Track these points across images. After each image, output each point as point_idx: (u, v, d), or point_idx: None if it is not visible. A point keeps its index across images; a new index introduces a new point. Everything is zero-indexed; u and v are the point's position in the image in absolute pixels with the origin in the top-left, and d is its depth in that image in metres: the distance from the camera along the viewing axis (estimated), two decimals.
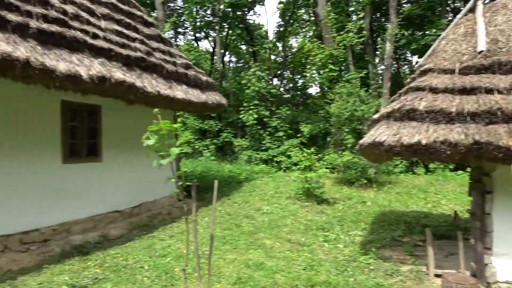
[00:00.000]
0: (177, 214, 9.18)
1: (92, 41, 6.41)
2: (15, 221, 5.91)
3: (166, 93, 7.77)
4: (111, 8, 7.76)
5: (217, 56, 25.92)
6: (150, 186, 9.04)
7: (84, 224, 7.11)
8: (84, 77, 5.72)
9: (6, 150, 5.83)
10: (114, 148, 7.98)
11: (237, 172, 13.88)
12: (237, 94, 20.80)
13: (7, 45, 4.77)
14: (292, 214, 8.91)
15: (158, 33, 9.08)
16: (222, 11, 20.87)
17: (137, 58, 7.42)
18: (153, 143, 3.04)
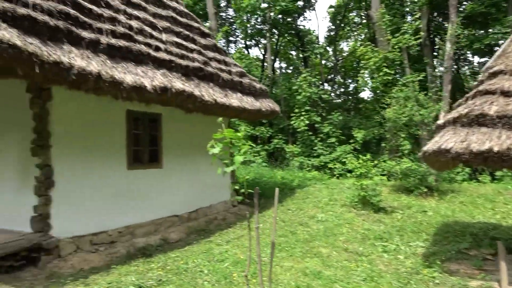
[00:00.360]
0: (232, 220, 9.32)
1: (155, 54, 6.76)
2: (86, 223, 6.34)
3: (222, 101, 7.98)
4: (171, 22, 8.14)
5: (267, 62, 26.17)
6: (206, 192, 9.30)
7: (146, 228, 7.46)
8: (148, 87, 6.04)
9: (78, 156, 6.29)
10: (173, 154, 8.31)
11: (289, 179, 13.84)
12: (288, 100, 20.82)
13: (82, 60, 5.17)
14: (348, 222, 8.71)
15: (214, 43, 9.36)
16: (273, 18, 21.06)
17: (195, 68, 7.70)
18: (218, 152, 3.12)
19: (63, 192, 5.99)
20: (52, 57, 4.69)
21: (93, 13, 5.98)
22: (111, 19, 6.32)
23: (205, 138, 9.29)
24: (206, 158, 9.17)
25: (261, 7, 19.56)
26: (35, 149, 5.80)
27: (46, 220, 5.79)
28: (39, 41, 4.72)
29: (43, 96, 5.72)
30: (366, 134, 16.66)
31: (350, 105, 26.75)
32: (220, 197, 9.90)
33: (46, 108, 5.75)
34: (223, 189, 10.09)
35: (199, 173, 9.08)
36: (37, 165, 5.80)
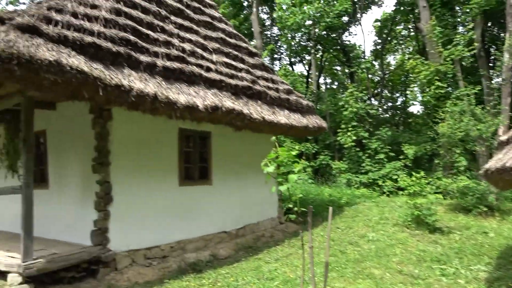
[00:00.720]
0: (279, 237, 9.26)
1: (206, 74, 7.02)
2: (140, 237, 6.59)
3: (270, 118, 8.06)
4: (220, 43, 8.42)
5: (312, 78, 26.15)
6: (253, 208, 9.35)
7: (196, 243, 7.61)
8: (200, 107, 6.25)
9: (134, 173, 6.60)
10: (222, 171, 8.47)
11: (337, 196, 13.56)
12: (334, 115, 20.59)
13: (140, 82, 5.48)
14: (401, 242, 8.33)
15: (261, 62, 9.54)
16: (318, 35, 21.11)
17: (244, 87, 7.88)
18: (273, 170, 3.15)
19: (120, 208, 6.29)
20: (114, 80, 5.02)
21: (150, 38, 6.35)
22: (166, 42, 6.67)
23: (253, 155, 9.51)
24: (254, 175, 9.32)
25: (306, 24, 19.70)
26: (96, 166, 6.16)
27: (104, 234, 6.09)
28: (102, 66, 5.08)
29: (104, 116, 6.11)
30: (417, 150, 15.99)
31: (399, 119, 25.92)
32: (267, 214, 9.90)
33: (106, 127, 6.12)
34: (270, 206, 10.09)
35: (246, 189, 9.17)
36: (97, 181, 6.15)
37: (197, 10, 8.56)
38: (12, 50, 4.04)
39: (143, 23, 6.48)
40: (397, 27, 25.78)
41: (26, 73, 4.19)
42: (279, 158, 3.18)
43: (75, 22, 5.18)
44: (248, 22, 26.89)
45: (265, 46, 24.77)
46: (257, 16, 23.54)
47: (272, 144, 10.07)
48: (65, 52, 4.66)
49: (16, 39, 4.21)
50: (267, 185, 9.70)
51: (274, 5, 24.25)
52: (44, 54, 4.31)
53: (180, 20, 7.68)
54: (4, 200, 7.46)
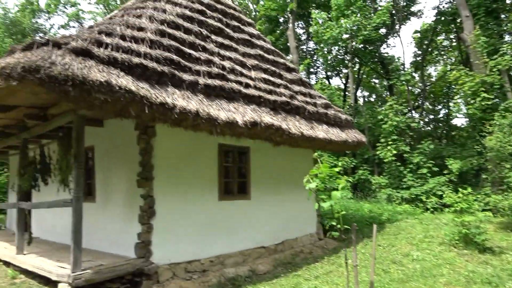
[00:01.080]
0: (318, 254, 9.10)
1: (245, 90, 7.15)
2: (181, 251, 6.71)
3: (309, 133, 8.04)
4: (259, 59, 8.57)
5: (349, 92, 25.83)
6: (291, 224, 9.27)
7: (235, 258, 7.63)
8: (240, 123, 6.36)
9: (175, 188, 6.77)
10: (260, 186, 8.50)
11: (377, 212, 13.16)
12: (373, 129, 20.16)
13: (183, 100, 5.68)
14: (448, 262, 7.92)
15: (299, 77, 9.59)
16: (355, 48, 20.93)
17: (282, 102, 7.94)
18: (315, 187, 3.14)
19: (162, 221, 6.45)
20: (159, 98, 5.24)
21: (192, 57, 6.59)
22: (207, 61, 6.88)
23: (291, 170, 9.48)
24: (292, 190, 9.29)
25: (343, 37, 19.60)
26: (140, 181, 6.39)
27: (148, 247, 6.26)
28: (148, 85, 5.32)
29: (149, 133, 6.35)
30: (463, 165, 15.26)
31: (442, 133, 24.99)
32: (305, 229, 9.79)
33: (150, 143, 6.35)
34: (309, 221, 9.98)
35: (285, 204, 9.13)
36: (141, 195, 6.37)
37: (236, 28, 8.79)
38: (67, 72, 4.33)
39: (185, 43, 6.75)
40: (438, 38, 25.06)
41: (79, 93, 4.47)
42: (321, 175, 3.16)
43: (123, 44, 5.48)
44: (284, 37, 27.17)
45: (301, 61, 24.83)
46: (293, 31, 23.76)
47: (310, 159, 10.09)
48: (115, 73, 4.93)
49: (71, 62, 4.51)
50: (306, 200, 9.63)
51: (310, 20, 24.37)
52: (95, 75, 4.58)
53: (220, 38, 7.92)
54: (56, 212, 7.90)
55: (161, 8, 7.12)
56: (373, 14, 20.43)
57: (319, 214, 10.41)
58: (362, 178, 18.90)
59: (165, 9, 7.13)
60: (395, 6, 22.94)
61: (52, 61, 4.32)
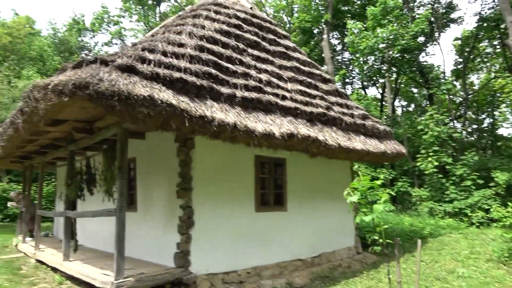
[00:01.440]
0: (357, 268, 8.87)
1: (282, 102, 7.20)
2: (218, 261, 6.77)
3: (346, 144, 7.93)
4: (294, 71, 8.61)
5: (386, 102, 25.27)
6: (329, 237, 9.12)
7: (271, 270, 7.59)
8: (277, 134, 6.40)
9: (213, 199, 6.86)
10: (297, 197, 8.45)
11: (419, 226, 12.67)
12: (412, 140, 19.56)
13: (221, 113, 5.80)
14: (497, 281, 7.48)
15: (335, 88, 9.53)
16: (392, 57, 20.52)
17: (319, 113, 7.91)
18: (357, 200, 3.10)
19: (200, 231, 6.55)
20: (198, 111, 5.39)
21: (230, 70, 6.74)
22: (244, 74, 7.01)
23: (328, 181, 9.36)
24: (329, 202, 9.16)
25: (380, 47, 19.28)
26: (180, 191, 6.55)
27: (186, 257, 6.37)
28: (188, 99, 5.49)
29: (188, 145, 6.52)
30: (511, 177, 14.43)
31: (486, 143, 23.81)
32: (343, 242, 9.59)
33: (190, 155, 6.52)
34: (347, 234, 9.77)
35: (322, 217, 9.01)
36: (180, 206, 6.52)
37: (272, 41, 8.91)
38: (114, 88, 4.56)
39: (223, 57, 6.92)
40: (480, 44, 24.08)
41: (124, 107, 4.68)
42: (362, 187, 3.12)
43: (165, 60, 5.71)
44: (318, 48, 27.13)
45: (336, 71, 24.64)
46: (328, 42, 23.67)
47: (348, 170, 9.92)
48: (157, 88, 5.14)
49: (117, 78, 4.75)
50: (343, 212, 9.47)
51: (345, 30, 24.21)
52: (139, 90, 4.79)
53: (257, 52, 8.05)
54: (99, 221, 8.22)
55: (200, 24, 7.36)
56: (411, 22, 19.97)
57: (357, 227, 10.18)
58: (402, 190, 18.31)
59: (203, 25, 7.36)
60: (434, 13, 22.34)
61: (100, 77, 4.57)
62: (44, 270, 7.89)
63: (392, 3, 18.93)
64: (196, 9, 8.43)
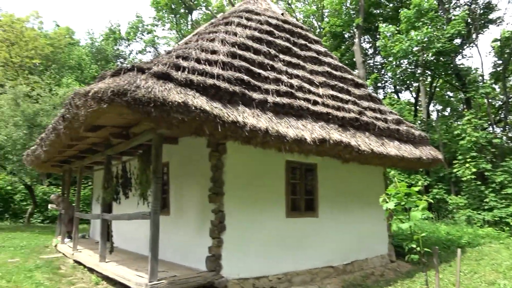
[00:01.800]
0: (391, 277, 8.63)
1: (313, 108, 7.17)
2: (249, 266, 6.78)
3: (379, 150, 7.78)
4: (326, 76, 8.56)
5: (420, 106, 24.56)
6: (361, 244, 8.93)
7: (303, 276, 7.52)
8: (308, 140, 6.37)
9: (244, 203, 6.90)
10: (328, 203, 8.35)
11: (456, 235, 12.18)
12: (448, 146, 18.89)
13: (253, 118, 5.85)
14: None
15: (368, 93, 9.38)
16: (427, 60, 19.95)
17: (351, 118, 7.80)
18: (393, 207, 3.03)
19: (231, 236, 6.60)
20: (231, 117, 5.45)
21: (261, 76, 6.79)
22: (276, 79, 7.04)
23: (360, 187, 9.20)
24: (362, 209, 8.99)
25: (413, 50, 18.80)
26: (212, 196, 6.63)
27: (218, 261, 6.42)
28: (221, 105, 5.58)
29: (220, 150, 6.61)
30: None
31: None
32: (376, 250, 9.36)
33: (221, 160, 6.60)
34: (380, 242, 9.54)
35: (354, 224, 8.85)
36: (212, 210, 6.59)
37: (303, 46, 8.90)
38: (150, 95, 4.71)
39: (255, 63, 6.98)
40: None
41: (160, 113, 4.81)
42: (399, 194, 3.05)
43: (198, 67, 5.83)
44: (349, 52, 26.80)
45: (368, 76, 24.23)
46: (360, 46, 23.35)
47: (381, 176, 9.70)
48: (191, 94, 5.25)
49: (153, 85, 4.90)
50: (376, 219, 9.26)
51: (377, 34, 23.79)
52: (174, 97, 4.91)
53: (288, 57, 8.06)
54: (133, 223, 8.45)
55: (232, 31, 7.47)
56: (446, 24, 19.36)
57: (391, 234, 9.91)
58: (437, 197, 17.68)
59: (236, 32, 7.47)
60: (471, 14, 21.55)
61: (137, 85, 4.73)
62: (82, 270, 8.19)
63: (426, 5, 18.44)
64: (228, 17, 8.57)
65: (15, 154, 15.49)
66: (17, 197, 20.31)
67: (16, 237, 13.57)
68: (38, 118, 16.20)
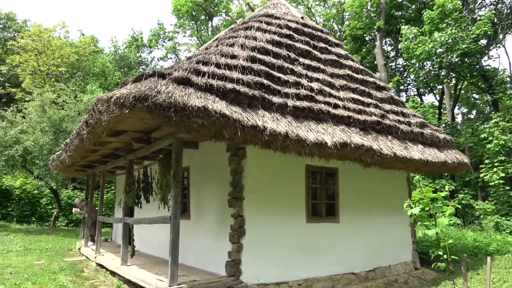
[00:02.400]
0: (415, 285, 8.38)
1: (334, 111, 7.07)
2: (269, 272, 6.71)
3: (402, 154, 7.59)
4: (347, 79, 8.44)
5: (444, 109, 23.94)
6: (384, 251, 8.72)
7: (324, 283, 7.39)
8: (329, 144, 6.27)
9: (263, 208, 6.85)
10: (349, 209, 8.20)
11: (484, 242, 11.75)
12: (474, 149, 18.30)
13: (273, 122, 5.81)
14: None
15: (390, 96, 9.20)
16: (451, 62, 19.44)
17: (373, 122, 7.66)
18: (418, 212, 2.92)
19: (251, 241, 6.55)
20: (250, 121, 5.43)
21: (281, 80, 6.75)
22: (295, 83, 6.99)
23: (383, 192, 9.00)
24: (384, 214, 8.78)
25: (437, 52, 18.36)
26: (231, 200, 6.61)
27: (238, 266, 6.39)
28: (240, 109, 5.57)
29: (239, 154, 6.59)
30: None
31: None
32: (399, 257, 9.11)
33: (241, 164, 6.58)
34: (403, 248, 9.29)
35: (376, 229, 8.65)
36: (232, 214, 6.57)
37: (324, 50, 8.81)
38: (170, 100, 4.74)
39: (274, 67, 6.95)
40: None
41: (180, 118, 4.84)
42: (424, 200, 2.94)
43: (218, 71, 5.85)
44: (370, 55, 26.45)
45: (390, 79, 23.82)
46: (381, 49, 23.01)
47: (404, 181, 9.47)
48: (211, 99, 5.26)
49: (174, 90, 4.93)
50: (400, 225, 9.02)
51: (399, 36, 23.38)
52: (194, 102, 4.93)
53: (308, 61, 8.00)
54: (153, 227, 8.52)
55: (251, 36, 7.47)
56: (471, 25, 18.84)
57: (415, 241, 9.64)
58: (463, 203, 17.12)
59: (255, 37, 7.47)
60: (498, 14, 20.91)
61: (158, 90, 4.77)
62: (104, 273, 8.31)
63: (450, 6, 18.01)
64: (248, 22, 8.59)
65: (41, 159, 15.95)
66: (43, 201, 20.89)
67: (42, 240, 13.94)
68: (64, 124, 16.66)
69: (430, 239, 11.52)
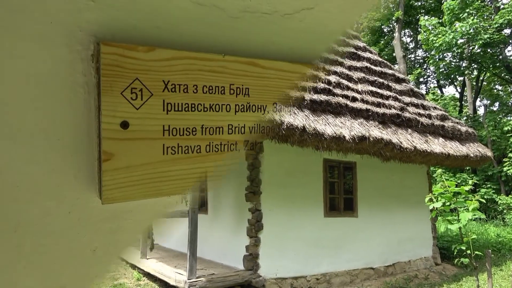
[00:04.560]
0: (436, 280, 8.23)
1: (352, 104, 6.95)
2: (287, 266, 6.71)
3: (423, 147, 7.43)
4: (365, 72, 8.29)
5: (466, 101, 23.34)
6: (404, 246, 8.59)
7: (342, 278, 7.34)
8: (347, 137, 6.19)
9: (281, 202, 6.83)
10: (368, 203, 8.09)
11: (507, 237, 11.44)
12: (497, 142, 17.80)
13: (289, 116, 5.75)
14: None
15: (410, 88, 9.00)
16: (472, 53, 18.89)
17: (392, 115, 7.51)
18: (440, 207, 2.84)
19: (269, 235, 6.56)
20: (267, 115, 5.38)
21: None
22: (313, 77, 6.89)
23: (402, 187, 8.84)
24: (404, 209, 8.64)
25: (458, 43, 17.85)
26: (249, 195, 6.61)
27: (255, 260, 6.41)
28: None
29: (256, 148, 6.56)
30: None
31: None
32: (419, 252, 8.96)
33: (258, 159, 6.56)
34: (423, 243, 9.12)
35: (395, 224, 8.52)
36: (249, 209, 6.58)
37: (341, 42, 8.66)
38: None
39: None
40: None
41: None
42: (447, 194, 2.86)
43: None
44: (389, 47, 25.94)
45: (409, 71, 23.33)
46: (400, 40, 22.53)
47: (424, 175, 9.28)
48: None
49: None
50: (419, 220, 8.86)
51: (419, 27, 22.84)
52: None
53: None
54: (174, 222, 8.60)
55: None
56: (495, 13, 18.23)
57: (436, 236, 9.46)
58: (486, 197, 16.70)
59: None
60: None
61: None
62: (124, 266, 8.45)
63: None
64: None
65: None
66: None
67: None
68: None
69: (452, 234, 11.28)
